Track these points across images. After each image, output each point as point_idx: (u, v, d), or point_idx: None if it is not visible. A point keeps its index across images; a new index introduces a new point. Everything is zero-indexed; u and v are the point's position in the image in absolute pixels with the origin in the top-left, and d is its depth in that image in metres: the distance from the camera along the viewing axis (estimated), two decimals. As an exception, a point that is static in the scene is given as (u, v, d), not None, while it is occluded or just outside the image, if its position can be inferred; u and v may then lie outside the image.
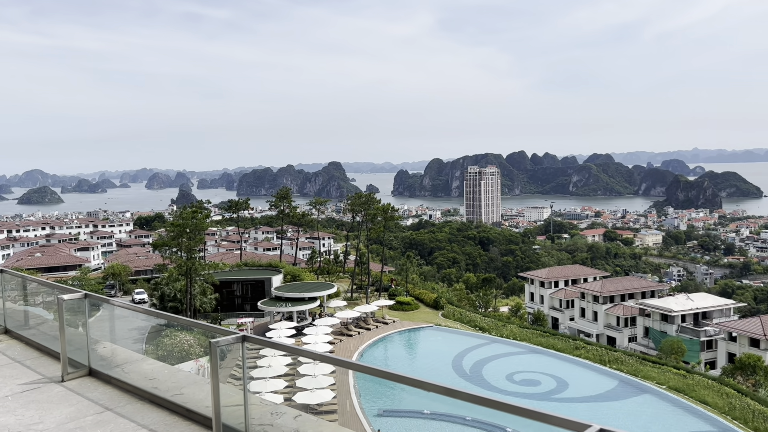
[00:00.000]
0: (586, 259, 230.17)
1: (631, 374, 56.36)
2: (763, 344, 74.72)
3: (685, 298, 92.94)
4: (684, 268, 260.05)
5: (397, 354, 68.00)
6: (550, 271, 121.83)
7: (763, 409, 46.24)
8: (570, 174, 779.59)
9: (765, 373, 61.19)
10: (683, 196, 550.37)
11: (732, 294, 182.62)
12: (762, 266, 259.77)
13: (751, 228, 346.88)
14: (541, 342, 68.32)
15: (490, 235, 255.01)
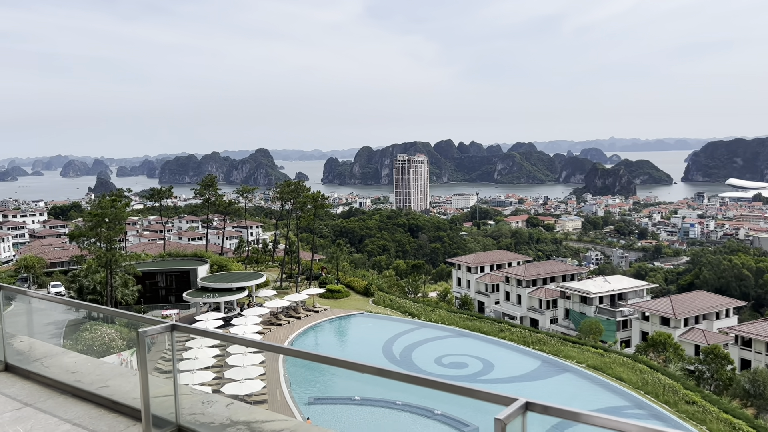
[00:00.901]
0: (511, 245, 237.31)
1: (552, 354, 58.66)
2: (673, 322, 79.68)
3: (602, 281, 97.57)
4: (601, 252, 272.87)
5: (327, 342, 68.04)
6: (476, 256, 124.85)
7: (672, 383, 49.15)
8: (495, 162, 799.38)
9: (674, 350, 65.28)
10: (601, 183, 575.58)
11: (645, 276, 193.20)
12: (672, 249, 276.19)
13: (662, 213, 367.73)
14: (468, 325, 70.00)
15: (419, 222, 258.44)
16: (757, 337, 70.55)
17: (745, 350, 71.98)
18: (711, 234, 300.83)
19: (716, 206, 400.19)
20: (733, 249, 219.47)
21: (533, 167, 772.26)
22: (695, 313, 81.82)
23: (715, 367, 60.29)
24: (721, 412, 41.71)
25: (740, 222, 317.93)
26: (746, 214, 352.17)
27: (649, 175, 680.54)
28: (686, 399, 45.26)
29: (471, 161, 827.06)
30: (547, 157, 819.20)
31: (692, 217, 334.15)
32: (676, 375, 51.83)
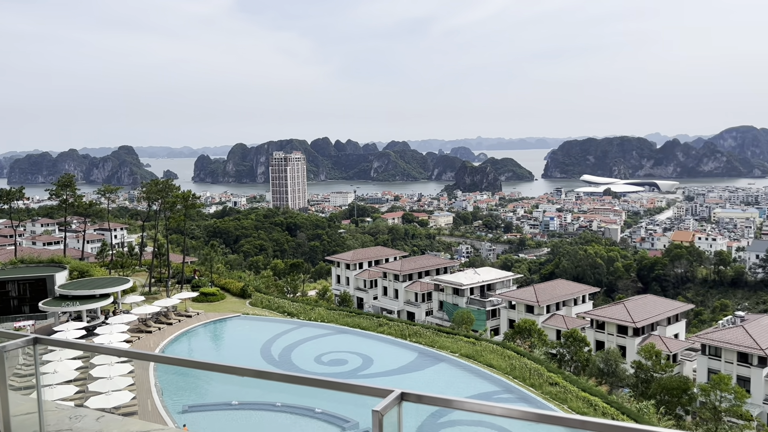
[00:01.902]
0: (387, 241, 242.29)
1: (428, 345, 60.57)
2: (537, 310, 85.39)
3: (473, 273, 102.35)
4: (472, 246, 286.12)
5: (202, 347, 65.62)
6: (354, 253, 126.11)
7: (537, 366, 52.42)
8: (371, 160, 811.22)
9: (538, 335, 69.96)
10: (470, 180, 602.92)
11: (511, 267, 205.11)
12: (534, 241, 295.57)
13: (525, 208, 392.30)
14: (348, 322, 70.53)
15: (297, 221, 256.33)
16: (609, 320, 77.50)
17: (600, 332, 78.82)
18: (568, 226, 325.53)
19: (572, 200, 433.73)
20: (587, 240, 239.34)
21: (408, 165, 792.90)
22: (556, 300, 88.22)
23: (574, 350, 65.43)
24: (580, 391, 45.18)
25: (593, 215, 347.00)
26: (598, 208, 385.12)
27: (513, 172, 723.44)
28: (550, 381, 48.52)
29: (348, 159, 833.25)
30: (420, 156, 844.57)
31: (551, 211, 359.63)
32: (541, 359, 55.48)
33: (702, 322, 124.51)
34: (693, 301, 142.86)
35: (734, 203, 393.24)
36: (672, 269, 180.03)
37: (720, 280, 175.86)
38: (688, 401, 54.97)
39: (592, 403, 42.34)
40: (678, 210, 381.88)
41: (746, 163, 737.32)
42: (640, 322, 74.90)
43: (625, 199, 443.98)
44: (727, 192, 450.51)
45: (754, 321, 72.63)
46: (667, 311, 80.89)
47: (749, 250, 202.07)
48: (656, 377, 59.19)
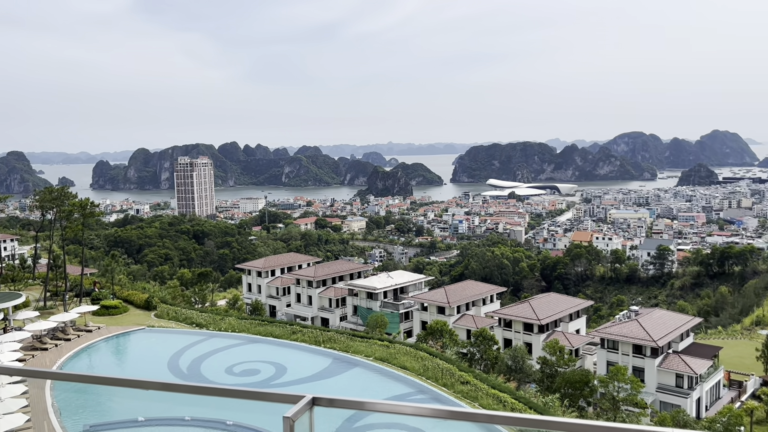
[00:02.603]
0: (300, 247, 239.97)
1: (343, 351, 60.41)
2: (448, 310, 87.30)
3: (386, 276, 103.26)
4: (384, 250, 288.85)
5: (105, 362, 62.17)
6: (266, 260, 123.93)
7: (449, 366, 53.48)
8: (282, 165, 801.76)
9: (450, 336, 71.53)
10: (382, 185, 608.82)
11: (423, 269, 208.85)
12: (444, 244, 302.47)
13: (435, 212, 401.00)
14: (260, 331, 69.14)
15: (205, 228, 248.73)
16: (515, 318, 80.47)
17: (507, 330, 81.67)
18: (476, 229, 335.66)
19: (480, 204, 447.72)
20: (494, 241, 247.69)
21: (320, 170, 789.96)
22: (466, 300, 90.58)
23: (483, 348, 67.41)
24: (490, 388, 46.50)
25: (499, 217, 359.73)
26: (504, 210, 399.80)
27: (423, 177, 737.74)
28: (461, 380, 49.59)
29: (258, 164, 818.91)
30: (332, 161, 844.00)
31: (460, 214, 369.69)
32: (452, 359, 56.69)
33: (601, 318, 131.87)
34: (592, 297, 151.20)
35: (627, 204, 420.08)
36: (573, 268, 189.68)
37: (616, 277, 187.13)
38: (589, 393, 58.00)
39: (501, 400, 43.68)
40: (577, 211, 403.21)
41: (637, 167, 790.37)
42: (545, 320, 78.27)
43: (528, 202, 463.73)
44: (620, 194, 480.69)
45: (647, 315, 77.73)
46: (569, 308, 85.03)
47: (641, 249, 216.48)
48: (560, 371, 62.05)
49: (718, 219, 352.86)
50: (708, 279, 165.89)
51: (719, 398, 71.55)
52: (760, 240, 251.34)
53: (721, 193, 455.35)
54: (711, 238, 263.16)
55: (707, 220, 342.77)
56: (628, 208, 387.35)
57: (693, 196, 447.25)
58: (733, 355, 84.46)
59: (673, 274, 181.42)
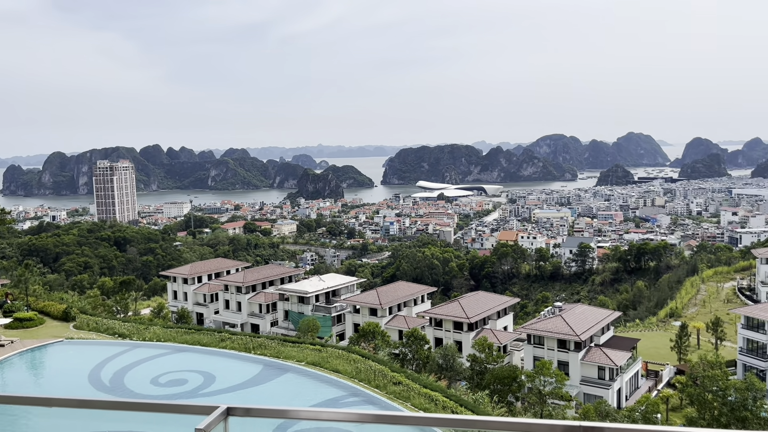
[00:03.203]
0: (229, 252, 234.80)
1: (274, 357, 59.44)
2: (380, 312, 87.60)
3: (317, 280, 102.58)
4: (316, 253, 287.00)
5: (19, 379, 58.54)
6: (192, 266, 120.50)
7: (381, 368, 53.52)
8: (208, 168, 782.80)
9: (382, 337, 71.77)
10: (312, 187, 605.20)
11: (355, 272, 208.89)
12: (376, 246, 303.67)
13: (366, 214, 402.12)
14: (187, 339, 66.97)
15: (127, 235, 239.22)
16: (445, 318, 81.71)
17: (438, 330, 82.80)
18: (407, 230, 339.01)
19: (410, 205, 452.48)
20: (424, 242, 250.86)
21: (248, 173, 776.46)
22: (397, 301, 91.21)
23: (415, 348, 68.06)
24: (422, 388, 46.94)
25: (429, 218, 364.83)
26: (433, 212, 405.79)
27: (354, 179, 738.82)
28: (393, 381, 49.75)
29: (182, 168, 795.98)
30: (260, 164, 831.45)
31: (391, 216, 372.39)
32: (385, 360, 56.85)
33: (527, 314, 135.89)
34: (519, 295, 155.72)
35: (550, 204, 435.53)
36: (500, 267, 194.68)
37: (541, 274, 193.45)
38: (517, 388, 59.61)
39: (433, 398, 44.17)
40: (503, 212, 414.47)
41: (559, 168, 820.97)
42: (474, 318, 79.89)
43: (456, 203, 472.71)
44: (543, 194, 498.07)
45: (570, 310, 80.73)
46: (496, 306, 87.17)
47: (564, 246, 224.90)
48: (489, 368, 63.46)
49: (634, 217, 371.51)
50: (626, 274, 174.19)
51: (638, 388, 75.19)
52: (672, 236, 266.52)
53: (637, 193, 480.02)
54: (628, 236, 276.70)
55: (624, 218, 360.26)
56: (550, 208, 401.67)
57: (611, 196, 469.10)
58: (649, 346, 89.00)
59: (593, 271, 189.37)
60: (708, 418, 53.08)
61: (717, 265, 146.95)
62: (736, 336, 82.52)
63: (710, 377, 54.75)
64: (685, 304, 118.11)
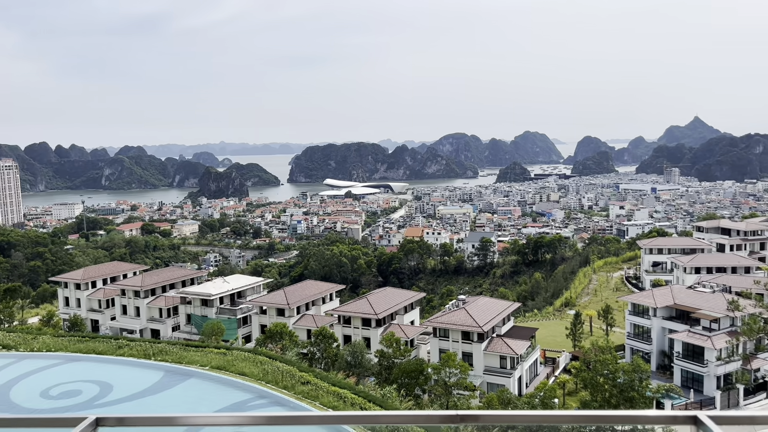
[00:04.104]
0: (125, 255, 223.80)
1: (176, 362, 57.24)
2: (287, 312, 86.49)
3: (221, 281, 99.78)
4: (220, 254, 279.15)
5: None
6: (85, 271, 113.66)
7: (289, 368, 52.88)
8: (102, 167, 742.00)
9: (290, 337, 70.92)
10: (215, 186, 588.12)
11: (262, 272, 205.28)
12: (283, 245, 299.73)
13: (273, 213, 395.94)
14: (80, 348, 63.14)
15: (11, 239, 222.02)
16: (354, 315, 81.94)
17: (346, 327, 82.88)
18: (315, 228, 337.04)
19: (317, 204, 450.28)
20: (332, 240, 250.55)
21: (145, 172, 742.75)
22: (306, 300, 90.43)
23: (323, 347, 67.78)
24: (330, 386, 46.83)
25: (337, 216, 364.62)
26: (341, 209, 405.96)
27: (259, 178, 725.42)
28: (302, 380, 49.29)
29: (73, 167, 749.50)
30: (158, 162, 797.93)
31: (298, 215, 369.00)
32: (293, 360, 56.21)
33: (433, 308, 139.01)
34: (425, 289, 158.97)
35: (453, 201, 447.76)
36: (406, 262, 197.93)
37: (445, 269, 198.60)
38: (424, 381, 60.81)
39: (341, 396, 44.18)
40: (409, 209, 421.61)
41: (461, 166, 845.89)
42: (381, 313, 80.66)
43: (364, 201, 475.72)
44: (447, 191, 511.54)
45: (473, 303, 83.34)
46: (404, 301, 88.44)
47: (467, 241, 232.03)
48: (397, 363, 64.32)
49: (531, 212, 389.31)
50: (524, 267, 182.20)
51: (537, 375, 78.85)
52: (566, 230, 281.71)
53: (533, 189, 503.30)
54: (526, 230, 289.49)
55: (522, 213, 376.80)
56: (454, 204, 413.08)
57: (510, 192, 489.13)
58: (547, 334, 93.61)
59: (494, 264, 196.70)
60: (600, 400, 56.51)
61: (606, 256, 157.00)
62: (624, 322, 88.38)
63: (601, 362, 58.30)
64: (579, 293, 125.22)
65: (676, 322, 77.81)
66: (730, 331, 70.83)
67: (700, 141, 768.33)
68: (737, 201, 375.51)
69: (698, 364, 70.66)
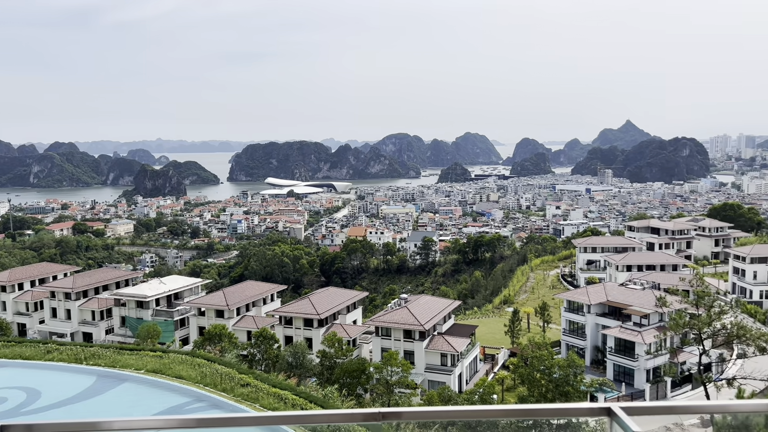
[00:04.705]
0: (55, 255, 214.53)
1: (109, 366, 55.40)
2: (227, 313, 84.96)
3: (158, 283, 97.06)
4: (156, 254, 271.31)
5: None
6: (12, 272, 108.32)
7: (228, 370, 52.04)
8: (30, 164, 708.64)
9: (229, 339, 69.67)
10: (151, 184, 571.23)
11: (200, 273, 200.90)
12: (223, 245, 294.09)
13: (212, 212, 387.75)
14: (6, 353, 60.20)
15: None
16: (295, 315, 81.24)
17: (288, 328, 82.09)
18: (256, 228, 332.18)
19: (259, 203, 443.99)
20: (274, 240, 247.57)
21: (76, 169, 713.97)
22: (246, 301, 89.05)
23: (264, 348, 66.91)
24: (271, 387, 46.35)
25: (279, 216, 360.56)
26: (283, 209, 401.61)
27: (198, 176, 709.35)
28: (241, 383, 48.60)
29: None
30: (91, 159, 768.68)
31: (239, 214, 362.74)
32: (232, 362, 55.29)
33: (376, 307, 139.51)
34: (368, 288, 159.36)
35: (396, 200, 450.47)
36: (349, 262, 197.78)
37: (388, 268, 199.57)
38: (366, 380, 60.94)
39: (282, 397, 43.81)
40: (352, 208, 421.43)
41: (404, 166, 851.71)
42: (324, 313, 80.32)
43: (306, 200, 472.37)
44: (390, 191, 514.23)
45: (415, 301, 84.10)
46: (346, 300, 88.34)
47: (409, 241, 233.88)
48: (339, 363, 64.22)
49: (472, 212, 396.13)
50: (465, 265, 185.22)
51: (477, 371, 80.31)
52: (505, 229, 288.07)
53: (474, 189, 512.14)
54: (467, 229, 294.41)
55: (463, 213, 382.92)
56: (397, 204, 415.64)
57: (451, 192, 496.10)
58: (486, 331, 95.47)
59: (436, 263, 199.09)
60: (537, 395, 58.09)
61: (543, 255, 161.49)
62: (560, 319, 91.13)
63: (538, 358, 59.94)
64: (517, 291, 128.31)
65: (608, 319, 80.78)
66: (659, 326, 74.12)
67: (632, 144, 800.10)
68: (666, 201, 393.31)
69: (629, 359, 73.61)
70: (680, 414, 3.96)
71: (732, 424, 20.39)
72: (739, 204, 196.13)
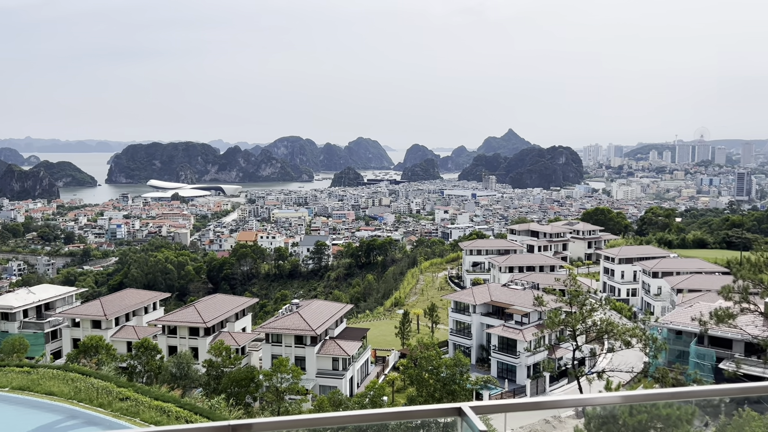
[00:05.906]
0: None
1: (-33, 386, 50.50)
2: (105, 324, 79.95)
3: (26, 293, 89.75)
4: (25, 261, 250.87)
5: None
6: None
7: (106, 384, 49.14)
8: None
9: (107, 351, 65.60)
10: (19, 186, 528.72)
11: (75, 281, 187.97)
12: (101, 251, 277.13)
13: (88, 216, 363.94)
14: None
15: None
16: (180, 324, 77.99)
17: (172, 337, 78.58)
18: (137, 233, 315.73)
19: (140, 206, 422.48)
20: (157, 246, 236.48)
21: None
22: (126, 311, 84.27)
23: (145, 360, 63.63)
24: (153, 400, 44.28)
25: (163, 220, 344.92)
26: (167, 213, 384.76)
27: (73, 177, 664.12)
28: (120, 396, 46.09)
29: None
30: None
31: (118, 218, 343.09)
32: (110, 375, 52.21)
33: (267, 313, 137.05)
34: (258, 294, 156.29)
35: (289, 204, 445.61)
36: (239, 268, 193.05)
37: (280, 273, 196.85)
38: (255, 389, 59.61)
39: (165, 410, 41.96)
40: (242, 212, 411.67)
41: (296, 169, 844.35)
42: (210, 322, 77.75)
43: (193, 204, 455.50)
44: (282, 194, 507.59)
45: (307, 306, 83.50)
46: (235, 307, 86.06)
47: (302, 245, 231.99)
48: (226, 372, 62.38)
49: (364, 216, 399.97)
50: (358, 269, 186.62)
51: (368, 374, 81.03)
52: (396, 233, 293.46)
53: (366, 193, 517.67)
54: (359, 233, 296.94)
55: (356, 217, 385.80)
56: (289, 208, 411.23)
57: (344, 196, 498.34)
58: (378, 334, 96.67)
59: (329, 267, 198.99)
60: (425, 395, 59.51)
61: (432, 257, 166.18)
62: (448, 319, 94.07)
63: (426, 358, 61.46)
64: (407, 293, 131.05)
65: (492, 318, 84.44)
66: (538, 324, 78.48)
67: (514, 151, 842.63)
68: (544, 206, 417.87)
69: (511, 356, 77.35)
70: (524, 411, 4.23)
71: (601, 414, 21.99)
72: (609, 209, 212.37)
